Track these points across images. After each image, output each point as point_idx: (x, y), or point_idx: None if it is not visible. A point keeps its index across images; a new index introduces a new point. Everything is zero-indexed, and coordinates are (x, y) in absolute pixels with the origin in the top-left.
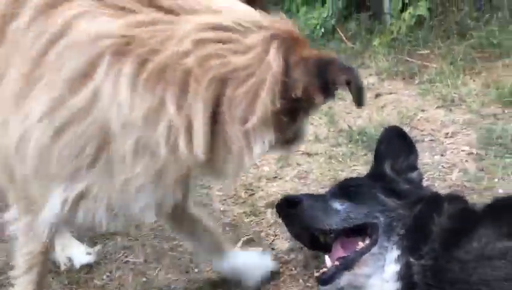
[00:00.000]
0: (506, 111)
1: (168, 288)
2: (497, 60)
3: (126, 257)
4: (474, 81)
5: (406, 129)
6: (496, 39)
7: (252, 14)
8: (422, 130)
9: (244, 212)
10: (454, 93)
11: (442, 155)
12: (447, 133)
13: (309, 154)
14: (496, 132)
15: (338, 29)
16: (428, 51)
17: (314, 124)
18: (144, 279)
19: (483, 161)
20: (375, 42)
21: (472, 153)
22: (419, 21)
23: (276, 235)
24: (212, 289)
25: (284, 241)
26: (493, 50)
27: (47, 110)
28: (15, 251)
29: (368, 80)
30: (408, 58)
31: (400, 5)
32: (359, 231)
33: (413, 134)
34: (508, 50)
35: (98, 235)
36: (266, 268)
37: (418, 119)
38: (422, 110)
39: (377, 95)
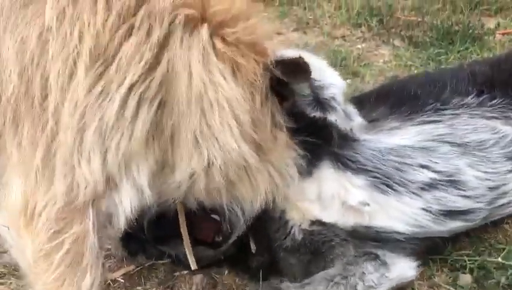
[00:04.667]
0: (353, 32)
1: None
2: None
3: None
4: (329, 3)
5: None
6: None
7: None
8: None
9: None
10: (310, 15)
11: None
12: None
13: None
14: (341, 54)
15: None
16: None
17: None
18: None
19: None
20: None
21: None
22: None
23: None
24: None
25: None
26: None
27: None
28: None
29: None
30: None
31: None
32: None
33: None
34: None
35: None
36: None
37: (275, 43)
38: (279, 34)
39: None
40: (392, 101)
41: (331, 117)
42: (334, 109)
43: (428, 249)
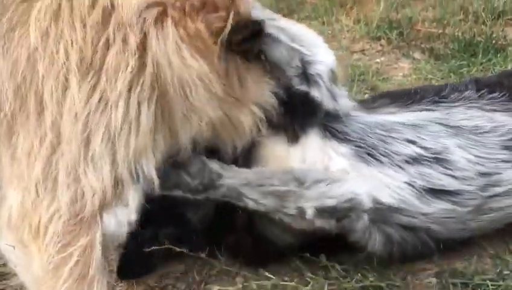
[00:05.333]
0: (372, 45)
1: None
2: None
3: None
4: (347, 16)
5: None
6: None
7: None
8: None
9: None
10: (328, 30)
11: None
12: None
13: None
14: (360, 68)
15: None
16: None
17: None
18: None
19: None
20: None
21: None
22: None
23: None
24: None
25: None
26: None
27: None
28: None
29: None
30: None
31: None
32: None
33: None
34: None
35: None
36: None
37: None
38: None
39: None
40: (393, 95)
41: (314, 93)
42: (318, 85)
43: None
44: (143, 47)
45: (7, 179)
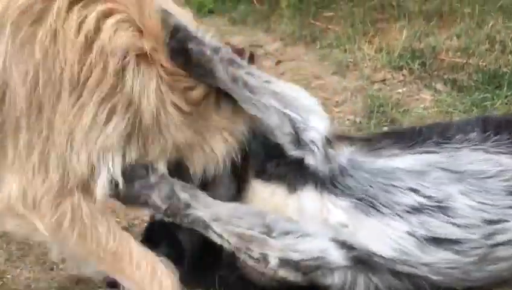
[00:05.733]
0: (394, 75)
1: (28, 288)
2: (395, 23)
3: None
4: (369, 45)
5: None
6: (395, 0)
7: None
8: None
9: None
10: (349, 58)
11: None
12: (337, 102)
13: None
14: (379, 99)
15: None
16: (333, 13)
17: None
18: (1, 282)
19: (363, 131)
20: (283, 4)
21: (356, 122)
22: None
23: None
24: (74, 287)
25: None
26: (392, 12)
27: None
28: None
29: (271, 46)
30: (313, 21)
31: None
32: None
33: None
34: (405, 12)
35: None
36: None
37: (313, 87)
38: (318, 78)
39: (278, 62)
40: (397, 134)
41: (309, 160)
42: (312, 152)
43: None
44: (122, 74)
45: (7, 166)
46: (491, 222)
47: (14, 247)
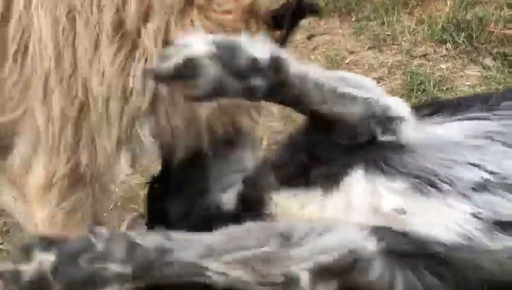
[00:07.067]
0: (436, 50)
1: None
2: None
3: None
4: (409, 16)
5: None
6: None
7: None
8: None
9: None
10: (387, 32)
11: None
12: (374, 79)
13: None
14: (420, 76)
15: None
16: None
17: None
18: None
19: None
20: None
21: None
22: None
23: None
24: None
25: None
26: None
27: None
28: None
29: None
30: None
31: None
32: None
33: None
34: None
35: None
36: None
37: (347, 63)
38: (352, 52)
39: (310, 36)
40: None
41: (400, 140)
42: (401, 133)
43: None
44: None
45: (34, 139)
46: None
47: None
